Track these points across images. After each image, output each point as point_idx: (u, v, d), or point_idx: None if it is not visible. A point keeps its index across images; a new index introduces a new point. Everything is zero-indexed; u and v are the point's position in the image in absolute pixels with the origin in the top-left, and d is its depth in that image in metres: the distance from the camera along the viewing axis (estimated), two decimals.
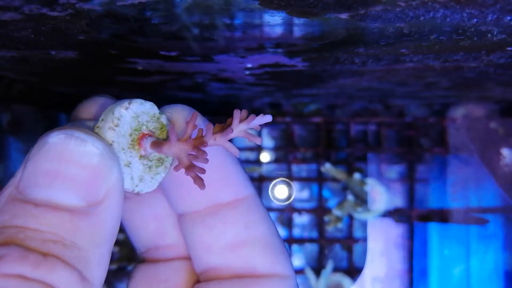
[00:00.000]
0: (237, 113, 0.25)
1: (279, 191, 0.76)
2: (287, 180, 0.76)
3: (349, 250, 0.76)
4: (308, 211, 0.76)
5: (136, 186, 0.24)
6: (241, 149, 0.77)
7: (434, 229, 0.76)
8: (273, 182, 0.76)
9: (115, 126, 0.24)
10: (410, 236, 0.75)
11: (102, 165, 0.21)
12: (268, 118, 0.25)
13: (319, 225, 0.76)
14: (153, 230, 0.29)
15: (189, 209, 0.26)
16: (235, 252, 0.25)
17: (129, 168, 0.24)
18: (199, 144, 0.24)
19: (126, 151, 0.24)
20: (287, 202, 0.76)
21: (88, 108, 0.25)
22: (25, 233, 0.19)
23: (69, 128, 0.21)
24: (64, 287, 0.19)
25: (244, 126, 0.25)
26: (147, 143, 0.25)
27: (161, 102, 0.77)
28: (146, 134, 0.25)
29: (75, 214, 0.20)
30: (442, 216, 0.74)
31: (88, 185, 0.21)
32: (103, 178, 0.21)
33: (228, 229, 0.25)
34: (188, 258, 0.28)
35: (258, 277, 0.25)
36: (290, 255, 0.27)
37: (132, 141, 0.25)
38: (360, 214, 0.73)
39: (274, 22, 0.32)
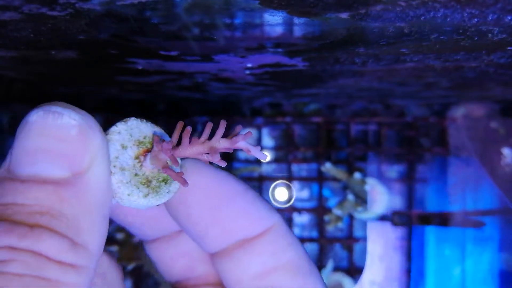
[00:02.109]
0: (238, 129, 0.25)
1: (279, 194, 0.76)
2: (287, 182, 0.76)
3: (350, 250, 0.76)
4: (308, 210, 0.77)
5: (113, 173, 0.24)
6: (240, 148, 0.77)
7: (431, 231, 0.76)
8: (273, 184, 0.76)
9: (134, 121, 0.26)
10: (409, 238, 0.75)
11: (81, 135, 0.22)
12: (262, 156, 0.26)
13: (319, 224, 0.76)
14: (182, 267, 0.30)
15: (217, 249, 0.27)
16: (264, 280, 0.26)
17: (123, 151, 0.25)
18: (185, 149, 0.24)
19: (130, 140, 0.25)
20: (287, 205, 0.76)
21: None
22: (13, 209, 0.20)
23: (48, 104, 0.22)
24: (53, 254, 0.20)
25: (233, 144, 0.25)
26: (147, 156, 0.26)
27: (161, 102, 0.77)
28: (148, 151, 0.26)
29: (60, 185, 0.21)
30: (441, 217, 0.74)
31: (70, 156, 0.21)
32: (85, 147, 0.22)
33: (255, 261, 0.26)
34: (218, 284, 0.29)
35: None
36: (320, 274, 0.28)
37: (139, 143, 0.25)
38: (360, 214, 0.73)
39: (274, 21, 0.32)
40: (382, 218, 0.76)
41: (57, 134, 0.21)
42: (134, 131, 0.25)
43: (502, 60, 0.43)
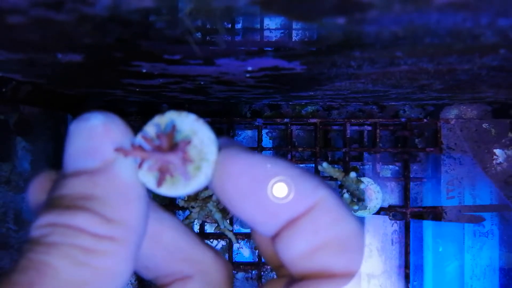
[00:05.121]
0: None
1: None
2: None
3: None
4: None
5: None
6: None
7: (429, 227, 0.77)
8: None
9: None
10: (405, 233, 0.76)
11: (106, 130, 0.25)
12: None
13: None
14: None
15: (271, 233, 0.27)
16: (311, 259, 0.26)
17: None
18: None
19: (160, 133, 0.26)
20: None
21: (41, 185, 0.28)
22: (58, 198, 0.24)
23: (83, 114, 0.26)
24: (88, 227, 0.23)
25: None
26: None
27: (164, 103, 0.76)
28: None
29: (93, 173, 0.24)
30: (436, 214, 0.75)
31: (99, 149, 0.25)
32: (110, 139, 0.25)
33: (299, 241, 0.26)
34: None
35: (334, 277, 0.26)
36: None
37: (168, 136, 0.26)
38: (356, 212, 0.74)
39: (273, 26, 0.33)
40: (378, 215, 0.76)
41: (87, 135, 0.25)
42: (168, 124, 0.26)
43: (494, 63, 0.43)
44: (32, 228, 0.24)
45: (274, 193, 0.26)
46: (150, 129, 0.26)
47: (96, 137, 0.25)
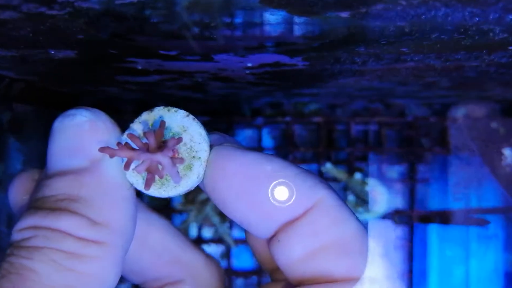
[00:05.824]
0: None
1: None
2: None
3: None
4: None
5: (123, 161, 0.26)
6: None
7: (434, 230, 0.76)
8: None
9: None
10: (410, 237, 0.75)
11: (93, 128, 0.25)
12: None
13: None
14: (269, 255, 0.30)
15: (266, 236, 0.26)
16: (310, 263, 0.25)
17: None
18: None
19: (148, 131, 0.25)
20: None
21: (24, 185, 0.27)
22: (42, 200, 0.24)
23: (68, 110, 0.25)
24: (73, 230, 0.23)
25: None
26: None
27: (160, 101, 0.77)
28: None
29: (79, 173, 0.24)
30: (443, 217, 0.75)
31: (85, 148, 0.24)
32: (97, 138, 0.24)
33: (297, 243, 0.25)
34: None
35: (334, 282, 0.25)
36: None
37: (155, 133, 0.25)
38: (361, 214, 0.74)
39: (274, 20, 0.32)
40: (383, 217, 0.76)
41: (73, 132, 0.25)
42: (156, 121, 0.26)
43: (503, 60, 0.43)
44: (14, 231, 0.23)
45: (270, 194, 0.25)
46: (137, 126, 0.25)
47: (82, 135, 0.24)
